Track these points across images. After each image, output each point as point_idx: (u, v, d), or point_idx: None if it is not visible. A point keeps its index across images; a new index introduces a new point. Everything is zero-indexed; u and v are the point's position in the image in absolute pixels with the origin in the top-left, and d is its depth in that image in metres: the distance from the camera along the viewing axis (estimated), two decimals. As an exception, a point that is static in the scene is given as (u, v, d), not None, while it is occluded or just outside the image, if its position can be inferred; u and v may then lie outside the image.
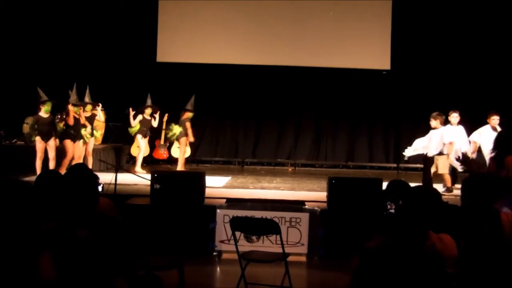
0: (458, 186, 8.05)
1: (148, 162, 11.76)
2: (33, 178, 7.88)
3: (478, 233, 3.09)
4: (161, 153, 11.48)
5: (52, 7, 11.63)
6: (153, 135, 11.14)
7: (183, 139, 10.21)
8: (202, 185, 6.37)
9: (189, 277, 4.48)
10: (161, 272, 3.70)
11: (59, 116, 10.99)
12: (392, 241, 2.70)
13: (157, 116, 10.29)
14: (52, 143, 8.66)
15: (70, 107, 9.02)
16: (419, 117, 12.18)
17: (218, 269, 5.87)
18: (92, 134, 9.53)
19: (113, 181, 6.56)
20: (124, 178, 7.86)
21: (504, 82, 11.36)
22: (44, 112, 8.70)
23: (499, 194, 3.37)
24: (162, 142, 11.45)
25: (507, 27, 11.40)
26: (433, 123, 8.38)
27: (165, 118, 10.97)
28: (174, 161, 11.15)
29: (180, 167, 10.21)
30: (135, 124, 10.14)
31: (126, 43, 11.92)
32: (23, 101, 11.43)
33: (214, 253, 6.05)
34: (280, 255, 4.49)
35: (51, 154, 8.62)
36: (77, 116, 9.04)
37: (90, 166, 8.72)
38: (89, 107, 9.70)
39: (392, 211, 3.11)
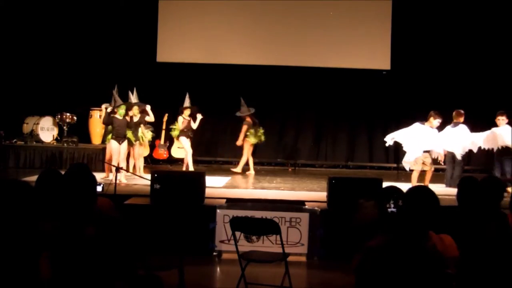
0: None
1: (148, 162, 11.77)
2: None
3: (485, 234, 3.09)
4: (161, 153, 11.48)
5: (52, 7, 11.62)
6: (154, 135, 11.18)
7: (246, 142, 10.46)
8: (202, 185, 6.36)
9: (189, 277, 4.48)
10: (161, 272, 3.70)
11: (59, 116, 11.01)
12: (393, 241, 2.70)
13: (198, 117, 10.18)
14: (125, 145, 8.69)
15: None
16: (419, 117, 12.19)
17: (218, 269, 5.87)
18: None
19: (113, 181, 6.57)
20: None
21: (505, 81, 11.36)
22: (119, 115, 8.72)
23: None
24: (162, 142, 11.44)
25: (507, 26, 11.39)
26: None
27: (165, 118, 10.97)
28: (174, 161, 11.16)
29: (239, 169, 10.51)
30: (179, 126, 10.10)
31: (126, 43, 11.91)
32: (23, 101, 11.45)
33: (214, 253, 6.05)
34: (280, 255, 4.49)
35: (122, 156, 8.66)
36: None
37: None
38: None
39: (393, 210, 3.11)
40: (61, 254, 2.56)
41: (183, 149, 11.57)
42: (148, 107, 9.63)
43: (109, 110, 8.94)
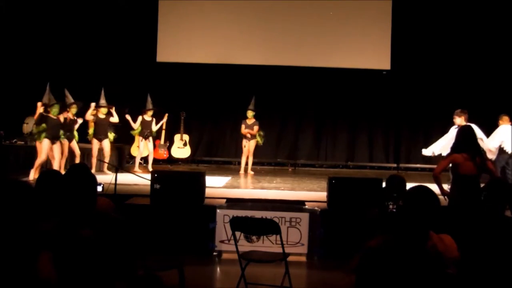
0: None
1: (148, 162, 11.76)
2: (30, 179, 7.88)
3: (489, 238, 3.09)
4: (161, 153, 11.49)
5: (52, 7, 11.63)
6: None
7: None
8: (202, 185, 6.36)
9: (189, 277, 4.47)
10: (161, 272, 3.70)
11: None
12: (393, 241, 2.70)
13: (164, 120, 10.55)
14: (58, 144, 8.70)
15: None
16: (419, 117, 12.23)
17: (218, 269, 5.86)
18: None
19: (113, 181, 6.56)
20: (124, 178, 7.86)
21: (505, 81, 11.36)
22: (52, 114, 8.72)
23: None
24: (162, 142, 11.45)
25: (507, 26, 11.39)
26: (458, 120, 8.16)
27: (165, 119, 10.99)
28: (174, 161, 11.17)
29: (249, 169, 10.62)
30: (136, 126, 10.23)
31: (126, 43, 11.92)
32: (23, 101, 11.45)
33: (214, 253, 6.05)
34: (280, 255, 4.48)
35: (57, 156, 8.66)
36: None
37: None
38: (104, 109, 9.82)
39: (394, 210, 3.10)
40: (61, 254, 2.56)
41: (183, 149, 11.58)
42: (113, 109, 9.83)
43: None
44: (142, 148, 10.35)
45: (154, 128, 10.37)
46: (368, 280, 2.72)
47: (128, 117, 10.22)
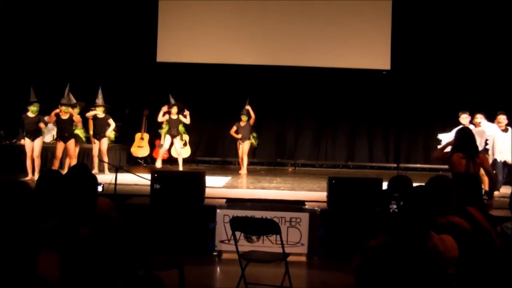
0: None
1: (148, 162, 11.77)
2: (25, 178, 7.96)
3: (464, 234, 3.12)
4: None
5: (52, 7, 11.62)
6: (154, 135, 11.20)
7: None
8: (202, 185, 6.36)
9: (189, 277, 4.47)
10: (161, 272, 3.69)
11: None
12: (394, 240, 2.70)
13: (187, 113, 10.46)
14: (38, 142, 8.75)
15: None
16: (419, 117, 12.23)
17: (218, 269, 5.86)
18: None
19: (113, 181, 6.56)
20: (124, 178, 7.86)
21: (506, 81, 11.35)
22: (31, 112, 8.77)
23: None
24: (162, 142, 11.43)
25: (507, 26, 11.38)
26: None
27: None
28: (174, 161, 11.17)
29: (244, 169, 10.59)
30: (163, 124, 10.42)
31: (126, 43, 11.91)
32: (23, 101, 11.44)
33: (214, 253, 6.05)
34: (280, 255, 4.48)
35: (36, 153, 8.73)
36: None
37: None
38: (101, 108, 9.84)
39: (396, 210, 3.10)
40: (61, 253, 2.56)
41: (183, 149, 11.58)
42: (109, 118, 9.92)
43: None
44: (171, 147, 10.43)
45: (186, 121, 10.46)
46: (369, 279, 2.72)
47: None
